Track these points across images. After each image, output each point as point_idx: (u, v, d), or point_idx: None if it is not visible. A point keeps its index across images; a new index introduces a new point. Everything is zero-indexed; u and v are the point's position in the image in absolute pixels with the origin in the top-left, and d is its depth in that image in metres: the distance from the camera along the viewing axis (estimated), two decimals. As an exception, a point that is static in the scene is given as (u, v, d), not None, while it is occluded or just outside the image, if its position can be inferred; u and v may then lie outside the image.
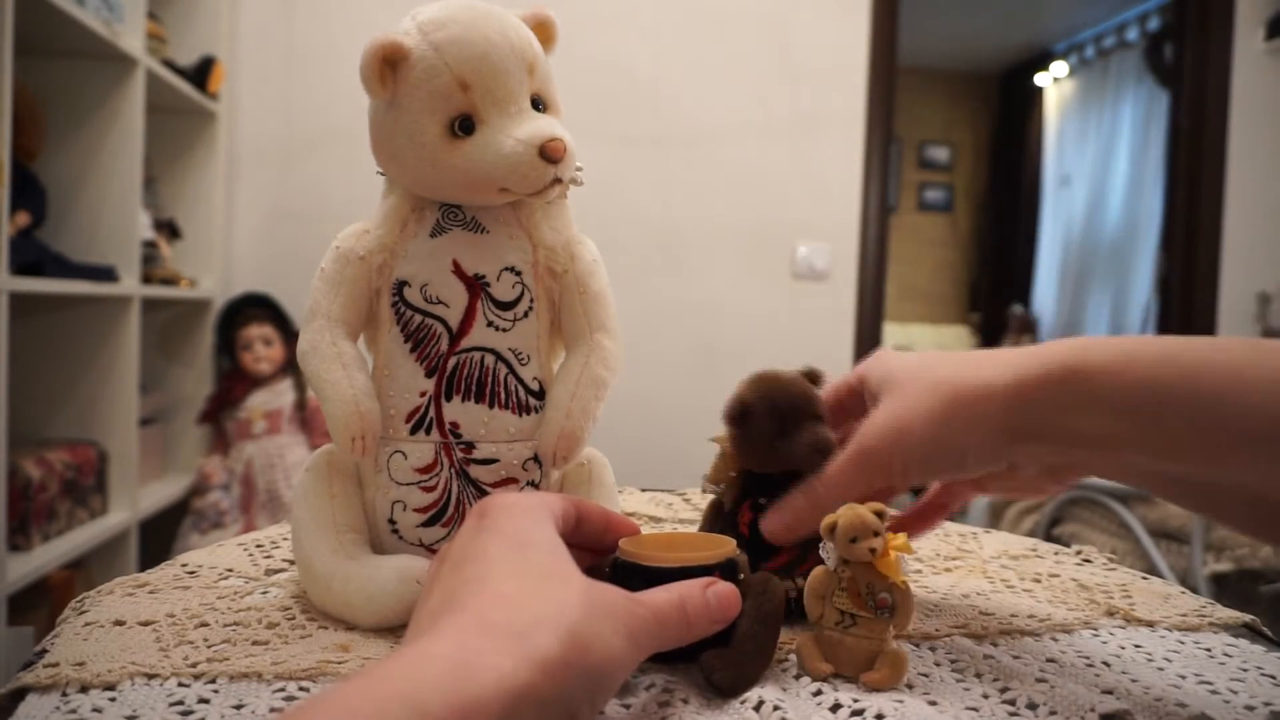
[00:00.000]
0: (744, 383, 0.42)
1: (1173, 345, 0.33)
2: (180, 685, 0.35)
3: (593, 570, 0.38)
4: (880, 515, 0.36)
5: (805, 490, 0.40)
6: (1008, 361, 0.36)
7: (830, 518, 0.37)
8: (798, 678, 0.36)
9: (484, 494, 0.45)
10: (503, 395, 0.45)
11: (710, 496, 0.45)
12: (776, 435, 0.41)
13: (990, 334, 5.01)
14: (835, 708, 0.33)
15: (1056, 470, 0.39)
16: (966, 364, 0.38)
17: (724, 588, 0.34)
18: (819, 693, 0.35)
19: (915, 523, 0.47)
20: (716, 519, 0.44)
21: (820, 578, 0.38)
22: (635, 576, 0.36)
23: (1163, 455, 0.33)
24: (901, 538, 0.37)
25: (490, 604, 0.27)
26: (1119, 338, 0.34)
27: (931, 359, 0.40)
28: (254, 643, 0.39)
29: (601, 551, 0.38)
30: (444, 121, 0.42)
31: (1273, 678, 0.37)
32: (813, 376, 0.44)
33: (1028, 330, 4.68)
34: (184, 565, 0.50)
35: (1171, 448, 0.33)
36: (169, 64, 1.71)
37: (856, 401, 0.43)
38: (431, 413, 0.44)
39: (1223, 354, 0.32)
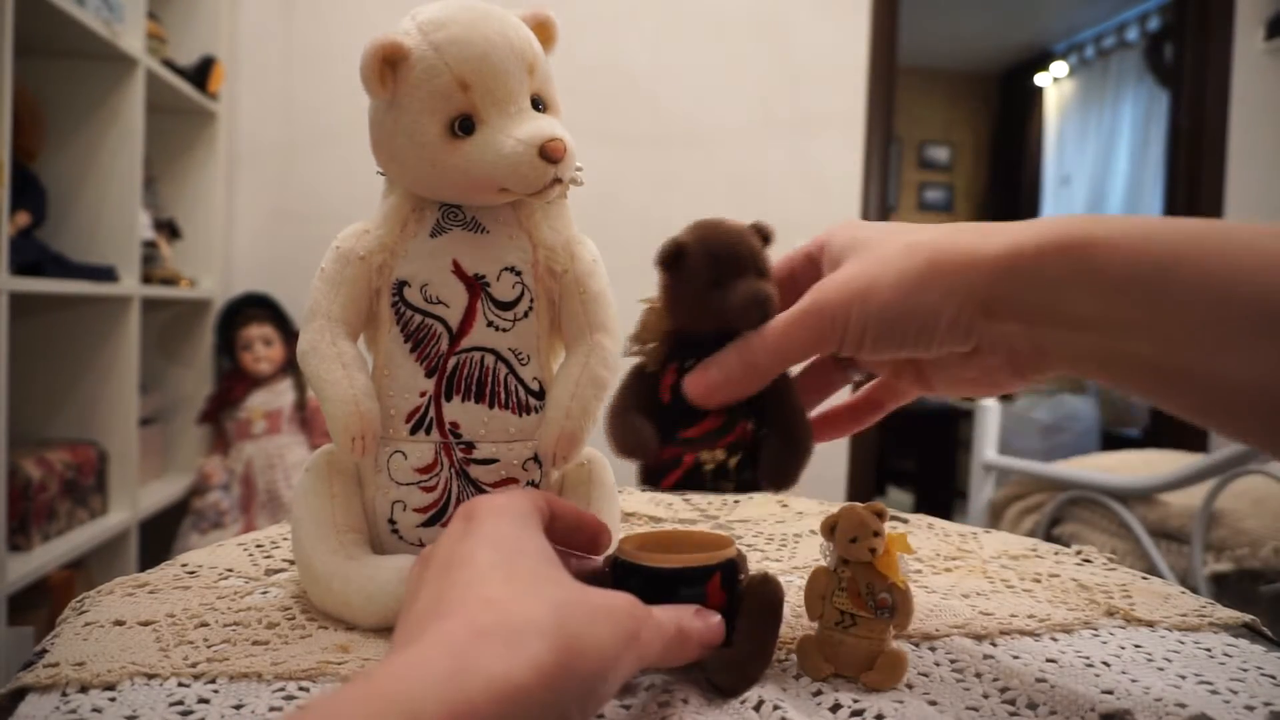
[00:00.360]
0: (685, 228, 0.38)
1: (1187, 224, 0.29)
2: (180, 685, 0.35)
3: (594, 575, 0.38)
4: (881, 515, 0.36)
5: (740, 346, 0.35)
6: (997, 230, 0.33)
7: (830, 517, 0.37)
8: (798, 677, 0.36)
9: (484, 494, 0.45)
10: (503, 395, 0.45)
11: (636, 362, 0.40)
12: (711, 285, 0.36)
13: (990, 334, 5.00)
14: (835, 708, 0.33)
15: (1025, 361, 0.33)
16: (949, 230, 0.34)
17: (711, 618, 0.34)
18: (819, 693, 0.35)
19: (847, 419, 0.42)
20: (636, 382, 0.39)
21: (820, 577, 0.38)
22: (634, 576, 0.36)
23: (1167, 343, 0.29)
24: (902, 538, 0.37)
25: (481, 608, 0.27)
26: (1122, 215, 0.31)
27: (909, 225, 0.36)
28: (254, 643, 0.39)
29: (573, 549, 0.37)
30: (444, 121, 0.42)
31: (1273, 678, 0.37)
32: (762, 232, 0.39)
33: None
34: (184, 565, 0.50)
35: (1179, 334, 0.29)
36: (169, 64, 1.71)
37: (812, 272, 0.38)
38: (431, 413, 0.44)
39: (1244, 233, 0.29)
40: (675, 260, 0.37)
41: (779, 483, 0.36)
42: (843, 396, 0.43)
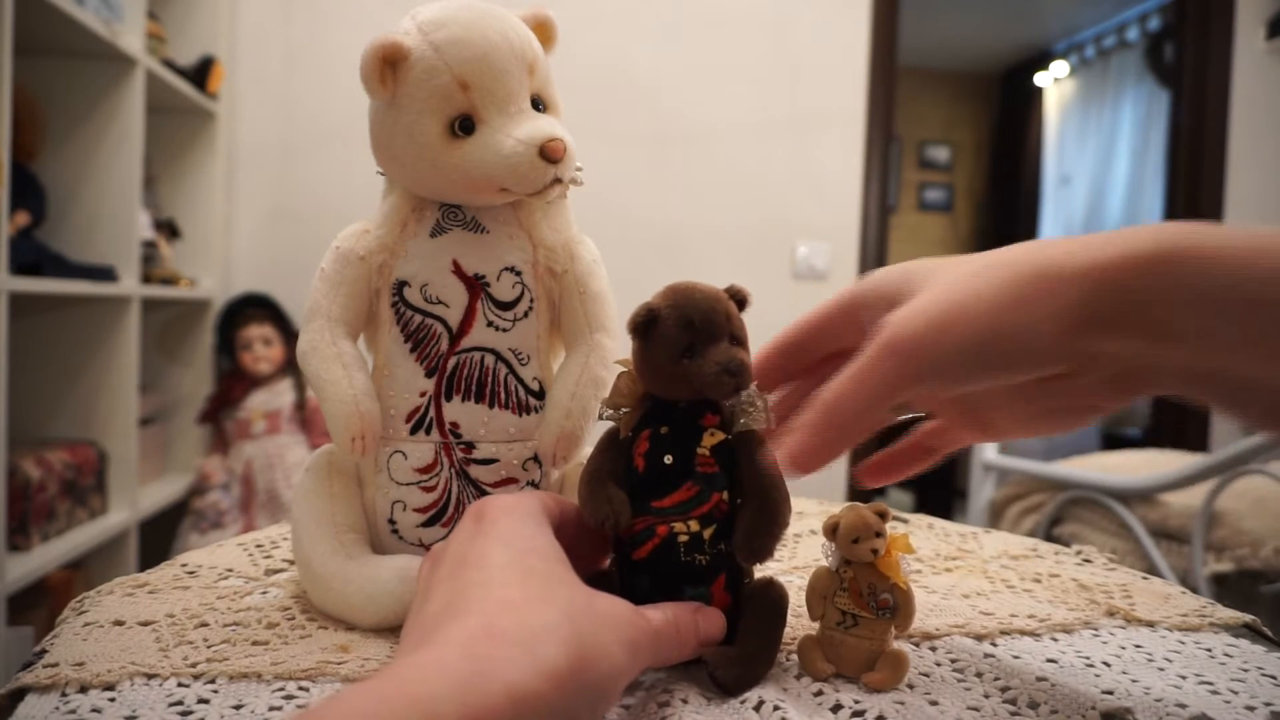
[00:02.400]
0: (658, 293, 0.37)
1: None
2: (180, 685, 0.35)
3: (601, 575, 0.38)
4: (883, 516, 0.36)
5: (819, 404, 0.32)
6: (1080, 242, 0.30)
7: (833, 518, 0.36)
8: (799, 678, 0.36)
9: (484, 494, 0.45)
10: (503, 395, 0.45)
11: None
12: (685, 352, 0.35)
13: (990, 334, 5.00)
14: (836, 708, 0.33)
15: (1122, 378, 0.31)
16: (1035, 245, 0.31)
17: (712, 614, 0.34)
18: (820, 693, 0.35)
19: (899, 465, 0.40)
20: (609, 448, 0.38)
21: (822, 578, 0.37)
22: (641, 576, 0.36)
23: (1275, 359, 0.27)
24: (904, 538, 0.37)
25: (497, 611, 0.27)
26: (1218, 225, 0.29)
27: (963, 255, 0.33)
28: (254, 643, 0.39)
29: (580, 550, 0.36)
30: (444, 121, 0.42)
31: (1273, 678, 0.37)
32: (737, 296, 0.37)
33: (1028, 330, 4.67)
34: (184, 565, 0.50)
35: None
36: (169, 64, 1.71)
37: (848, 326, 0.36)
38: (431, 413, 0.44)
39: None
40: (648, 326, 0.36)
41: (754, 555, 0.35)
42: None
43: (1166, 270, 0.28)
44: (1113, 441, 3.66)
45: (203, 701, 0.34)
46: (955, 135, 5.17)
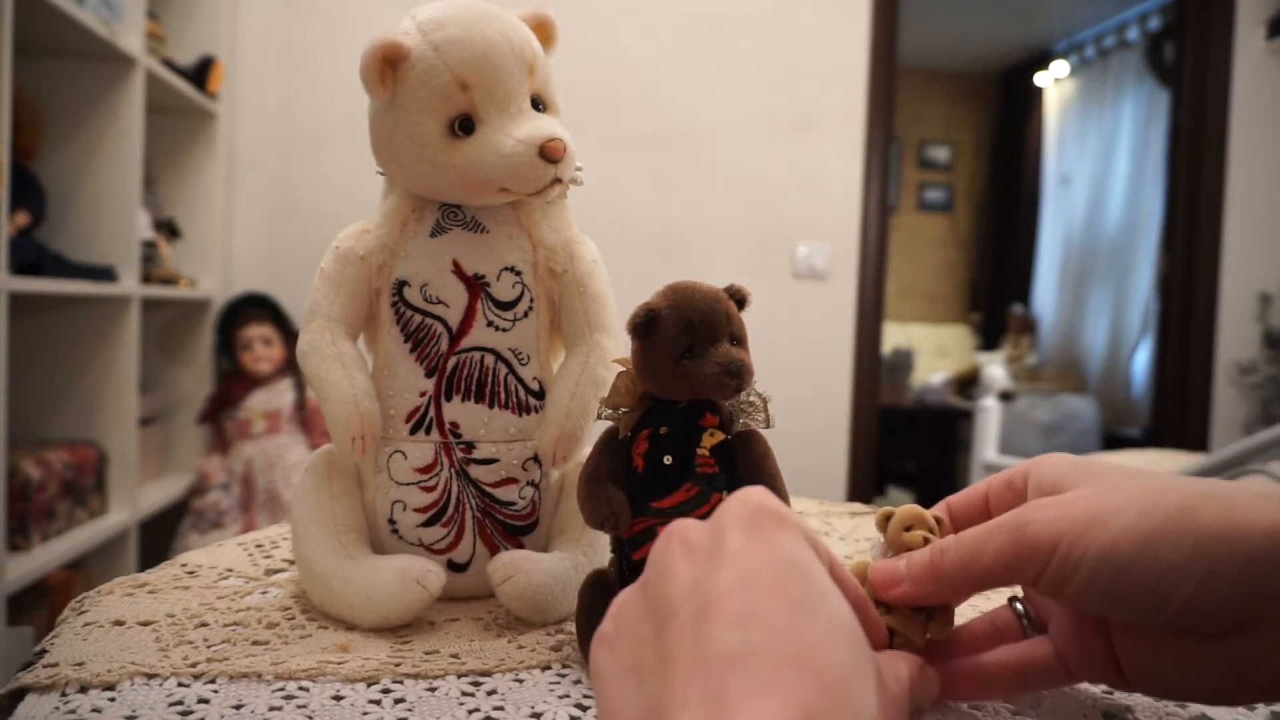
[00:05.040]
0: (658, 293, 0.37)
1: None
2: (180, 685, 0.35)
3: (598, 577, 0.37)
4: (940, 521, 0.34)
5: (933, 553, 0.30)
6: (1271, 496, 0.26)
7: (886, 510, 0.34)
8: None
9: (484, 494, 0.44)
10: (503, 395, 0.45)
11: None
12: (684, 352, 0.35)
13: (990, 334, 5.01)
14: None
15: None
16: (1216, 484, 0.27)
17: (930, 675, 0.30)
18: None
19: (1006, 681, 0.32)
20: (609, 447, 0.38)
21: (862, 571, 0.35)
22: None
23: None
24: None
25: (816, 694, 0.20)
26: None
27: (1157, 471, 0.30)
28: (254, 643, 0.39)
29: None
30: (444, 121, 0.42)
31: (1273, 678, 0.37)
32: (737, 296, 0.37)
33: (1028, 330, 4.68)
34: (184, 565, 0.50)
35: None
36: (168, 64, 1.71)
37: (1010, 499, 0.33)
38: (431, 413, 0.44)
39: None
40: (648, 326, 0.35)
41: None
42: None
43: None
44: (1113, 441, 3.66)
45: (203, 701, 0.34)
46: (955, 135, 5.17)
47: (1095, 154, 4.37)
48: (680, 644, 0.21)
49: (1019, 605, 0.34)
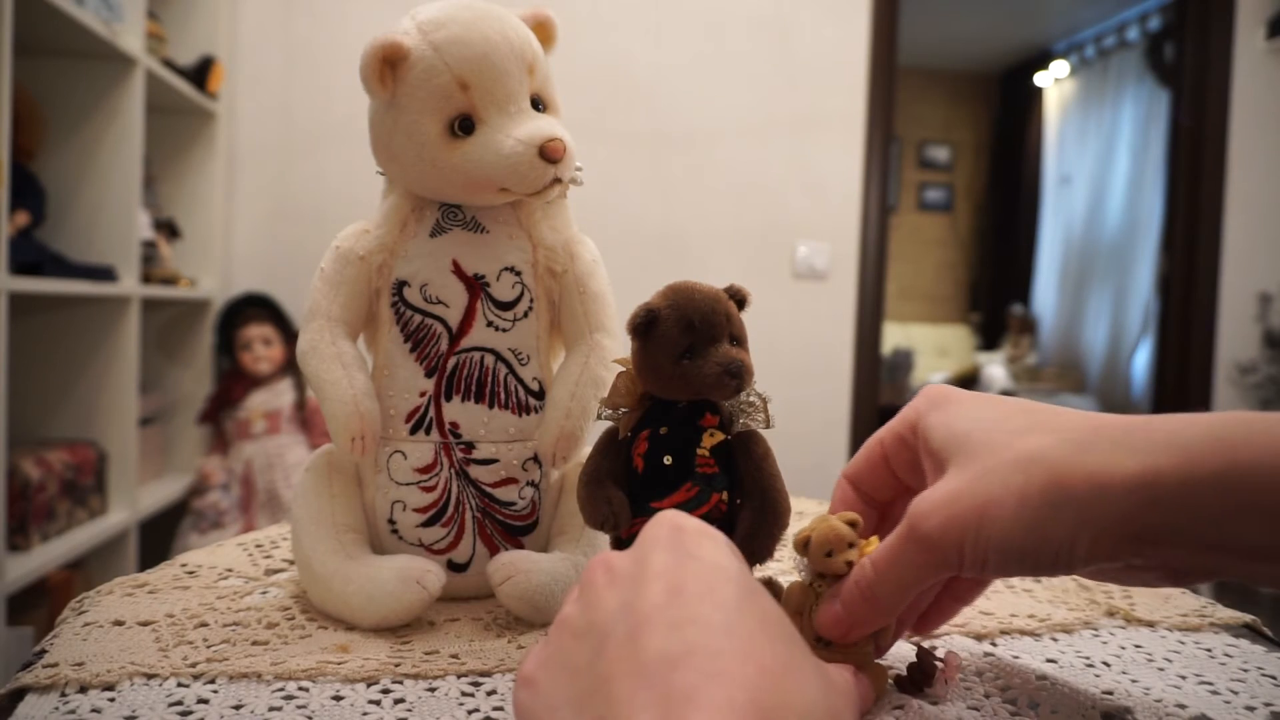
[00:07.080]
0: (658, 293, 0.37)
1: None
2: (180, 685, 0.35)
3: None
4: (854, 525, 0.33)
5: (857, 580, 0.32)
6: (1126, 445, 0.28)
7: (803, 532, 0.33)
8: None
9: (484, 494, 0.45)
10: (502, 395, 0.45)
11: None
12: (684, 353, 0.35)
13: (990, 334, 5.01)
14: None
15: (1189, 575, 0.30)
16: (1065, 437, 0.29)
17: (865, 685, 0.32)
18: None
19: (931, 619, 0.37)
20: (608, 448, 0.38)
21: (795, 593, 0.34)
22: None
23: None
24: (875, 542, 0.33)
25: (757, 680, 0.21)
26: (1260, 416, 0.27)
27: (1011, 415, 0.31)
28: (254, 643, 0.39)
29: None
30: (444, 121, 0.42)
31: (1273, 678, 0.37)
32: (736, 296, 0.37)
33: (1028, 330, 4.68)
34: (183, 565, 0.50)
35: None
36: (168, 64, 1.71)
37: (905, 455, 0.35)
38: (431, 413, 0.44)
39: None
40: (648, 327, 0.35)
41: (754, 556, 0.35)
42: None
43: (1230, 487, 0.26)
44: (1113, 441, 3.66)
45: (203, 701, 0.34)
46: (955, 135, 5.17)
47: (1095, 154, 4.37)
48: (619, 661, 0.21)
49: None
